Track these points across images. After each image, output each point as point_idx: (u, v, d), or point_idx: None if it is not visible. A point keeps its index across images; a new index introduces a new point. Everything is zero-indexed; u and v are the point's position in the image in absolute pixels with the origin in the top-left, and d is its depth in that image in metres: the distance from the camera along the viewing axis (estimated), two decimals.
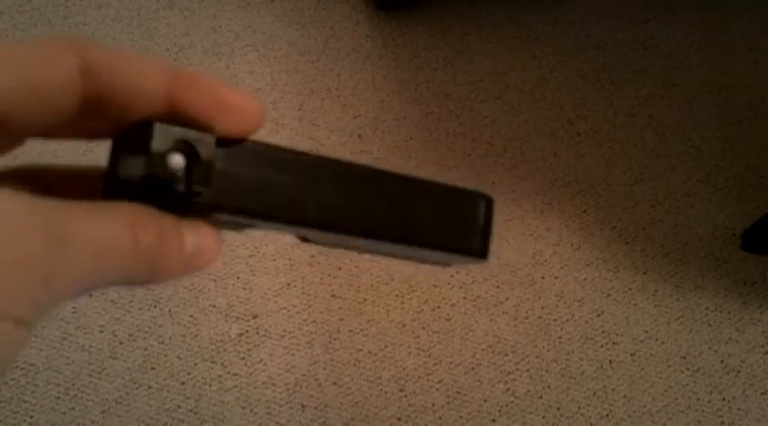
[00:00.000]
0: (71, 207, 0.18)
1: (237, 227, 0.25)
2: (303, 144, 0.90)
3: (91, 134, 0.23)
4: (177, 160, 0.20)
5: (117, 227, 0.19)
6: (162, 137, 0.20)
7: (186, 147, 0.21)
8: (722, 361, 0.79)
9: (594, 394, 0.77)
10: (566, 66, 0.97)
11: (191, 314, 0.78)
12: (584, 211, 0.87)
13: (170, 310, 0.78)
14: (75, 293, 0.18)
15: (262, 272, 0.80)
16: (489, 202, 0.29)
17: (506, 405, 0.76)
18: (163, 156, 0.20)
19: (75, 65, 0.19)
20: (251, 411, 0.74)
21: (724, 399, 0.77)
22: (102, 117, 0.21)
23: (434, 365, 0.77)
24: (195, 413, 0.74)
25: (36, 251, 0.17)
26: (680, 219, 0.87)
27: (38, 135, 0.21)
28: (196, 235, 0.22)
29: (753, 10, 1.03)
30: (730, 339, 0.80)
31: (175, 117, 0.21)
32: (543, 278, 0.83)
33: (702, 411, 0.77)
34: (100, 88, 0.20)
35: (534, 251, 0.84)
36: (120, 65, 0.20)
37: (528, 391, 0.77)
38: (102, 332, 0.76)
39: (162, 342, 0.76)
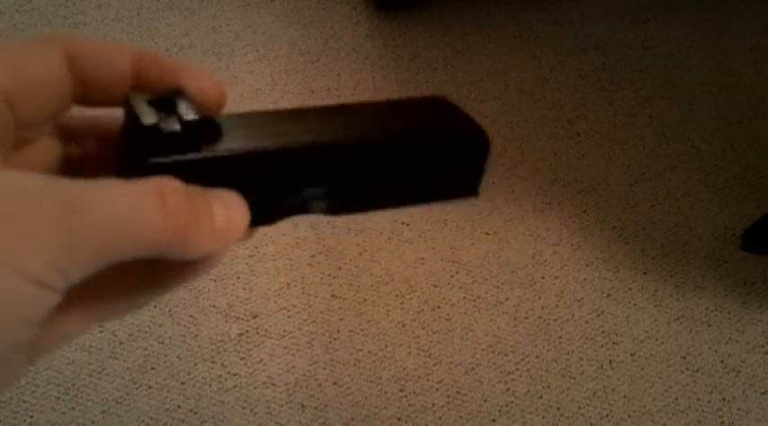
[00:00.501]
0: (91, 181, 0.19)
1: (267, 212, 0.25)
2: None
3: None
4: (174, 105, 0.22)
5: (142, 194, 0.19)
6: (140, 94, 0.22)
7: (167, 104, 0.22)
8: (722, 361, 0.79)
9: (594, 394, 0.77)
10: (566, 66, 0.97)
11: (191, 314, 0.78)
12: (584, 211, 0.87)
13: (170, 310, 0.78)
14: (101, 258, 0.19)
15: (262, 272, 0.80)
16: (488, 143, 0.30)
17: (506, 405, 0.76)
18: (153, 107, 0.22)
19: (62, 57, 0.22)
20: (251, 411, 0.74)
21: (724, 399, 0.77)
22: (95, 102, 0.23)
23: (434, 365, 0.77)
24: (195, 413, 0.74)
25: (52, 213, 0.17)
26: (680, 219, 0.87)
27: (43, 125, 0.23)
28: (225, 205, 0.22)
29: (753, 10, 1.03)
30: (730, 339, 0.80)
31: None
32: (543, 278, 0.83)
33: (702, 411, 0.77)
34: (82, 74, 0.22)
35: (534, 251, 0.84)
36: (92, 50, 0.22)
37: (528, 391, 0.77)
38: (101, 332, 0.77)
39: (162, 342, 0.76)
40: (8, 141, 0.22)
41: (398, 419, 0.75)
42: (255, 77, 0.95)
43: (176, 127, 0.22)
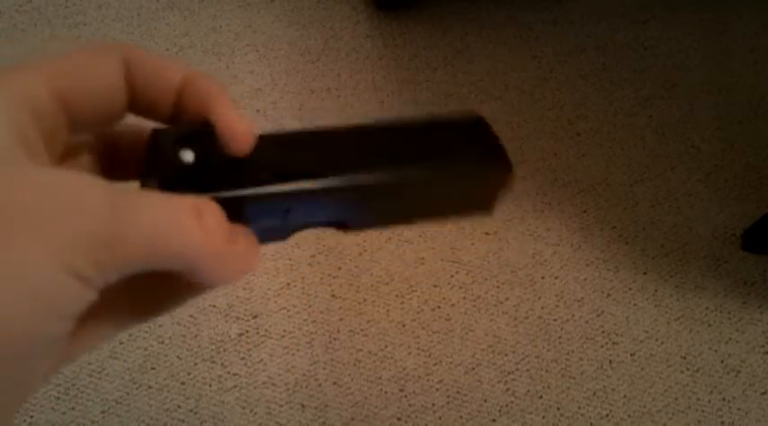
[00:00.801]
0: (137, 189, 0.20)
1: (281, 231, 0.26)
2: None
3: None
4: (186, 154, 0.22)
5: (181, 207, 0.20)
6: (166, 136, 0.23)
7: (192, 142, 0.23)
8: (722, 361, 0.79)
9: (594, 394, 0.77)
10: (566, 66, 0.97)
11: (191, 314, 0.78)
12: (585, 211, 0.87)
13: None
14: (139, 263, 0.19)
15: (262, 272, 0.80)
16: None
17: (506, 405, 0.76)
18: (173, 152, 0.23)
19: (120, 65, 0.23)
20: (251, 411, 0.74)
21: (724, 399, 0.77)
22: (142, 112, 0.24)
23: (434, 365, 0.77)
24: (195, 413, 0.74)
25: (101, 213, 0.18)
26: (680, 219, 0.87)
27: (95, 128, 0.24)
28: (243, 237, 0.23)
29: (753, 10, 1.03)
30: (730, 339, 0.80)
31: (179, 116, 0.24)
32: (543, 278, 0.83)
33: (702, 411, 0.77)
34: (133, 84, 0.23)
35: (534, 251, 0.84)
36: (149, 63, 0.23)
37: (528, 391, 0.77)
38: None
39: (162, 342, 0.76)
40: (58, 147, 0.22)
41: (398, 419, 0.75)
42: (255, 77, 0.95)
43: (190, 160, 0.22)
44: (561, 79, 0.96)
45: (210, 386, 0.75)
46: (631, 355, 0.79)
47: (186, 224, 0.20)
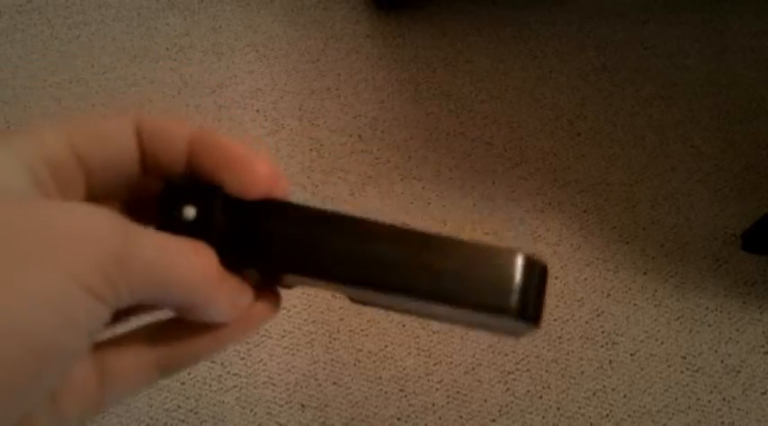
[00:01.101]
0: (142, 227, 0.21)
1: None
2: (303, 144, 0.90)
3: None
4: (189, 211, 0.23)
5: (181, 241, 0.22)
6: (173, 189, 0.24)
7: (198, 197, 0.24)
8: (722, 361, 0.79)
9: (594, 394, 0.77)
10: (566, 66, 0.97)
11: None
12: (585, 211, 0.87)
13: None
14: (147, 288, 0.20)
15: None
16: (530, 260, 0.25)
17: (506, 405, 0.76)
18: (175, 209, 0.24)
19: (133, 128, 0.24)
20: (251, 411, 0.74)
21: (724, 399, 0.77)
22: (157, 175, 0.25)
23: (434, 365, 0.77)
24: (195, 413, 0.74)
25: (111, 237, 0.20)
26: (680, 219, 0.87)
27: (110, 197, 0.25)
28: (237, 281, 0.24)
29: (753, 10, 1.03)
30: (730, 339, 0.80)
31: (193, 173, 0.25)
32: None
33: (702, 411, 0.77)
34: (144, 146, 0.24)
35: (534, 251, 0.84)
36: (156, 126, 0.24)
37: (528, 391, 0.77)
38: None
39: None
40: (77, 198, 0.23)
41: (398, 419, 0.75)
42: (255, 77, 0.95)
43: (191, 217, 0.23)
44: (561, 79, 0.96)
45: (210, 385, 0.75)
46: (631, 355, 0.79)
47: (186, 252, 0.22)
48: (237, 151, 0.24)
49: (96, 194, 0.24)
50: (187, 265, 0.22)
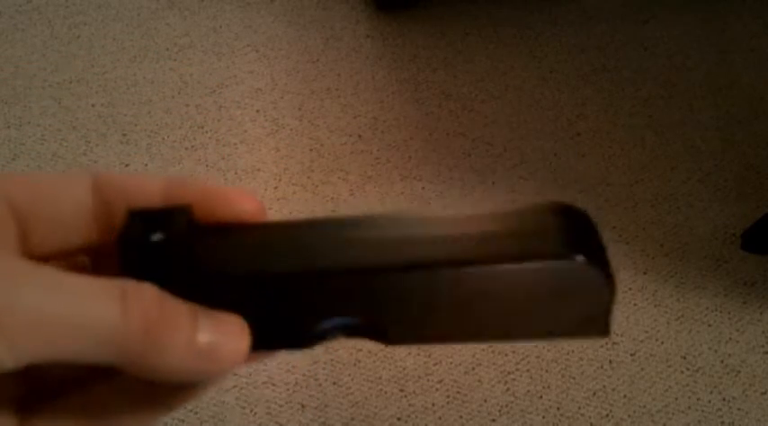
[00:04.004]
0: (45, 267, 0.18)
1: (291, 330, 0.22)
2: (303, 144, 0.90)
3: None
4: (156, 236, 0.20)
5: (101, 289, 0.18)
6: (136, 217, 0.21)
7: (165, 222, 0.21)
8: (722, 361, 0.79)
9: (594, 394, 0.77)
10: (566, 66, 0.97)
11: None
12: (584, 211, 0.87)
13: None
14: (40, 350, 0.18)
15: None
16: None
17: (506, 405, 0.76)
18: (139, 228, 0.20)
19: (89, 183, 0.21)
20: (251, 411, 0.74)
21: (724, 399, 0.77)
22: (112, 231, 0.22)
23: (434, 365, 0.77)
24: (195, 413, 0.74)
25: None
26: (680, 219, 0.87)
27: (59, 246, 0.22)
28: (214, 323, 0.20)
29: (753, 10, 1.03)
30: (730, 339, 0.80)
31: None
32: None
33: (702, 411, 0.77)
34: (108, 200, 0.22)
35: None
36: (121, 180, 0.22)
37: (528, 391, 0.77)
38: None
39: None
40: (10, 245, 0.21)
41: (398, 419, 0.75)
42: (255, 77, 0.95)
43: (160, 237, 0.20)
44: (561, 79, 0.96)
45: None
46: (631, 355, 0.79)
47: (102, 307, 0.18)
48: (221, 188, 0.22)
49: (44, 250, 0.21)
50: (105, 321, 0.18)
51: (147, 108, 0.93)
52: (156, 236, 0.20)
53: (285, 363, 0.76)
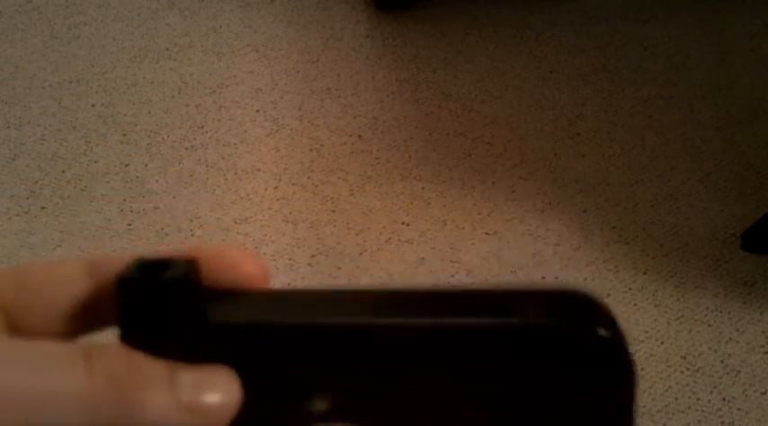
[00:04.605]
0: (13, 339, 0.18)
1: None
2: (303, 144, 0.90)
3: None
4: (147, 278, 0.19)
5: (63, 354, 0.18)
6: (139, 262, 0.20)
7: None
8: (722, 361, 0.79)
9: None
10: (566, 66, 0.97)
11: None
12: (585, 211, 0.87)
13: None
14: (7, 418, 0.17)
15: None
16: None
17: None
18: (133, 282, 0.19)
19: (82, 261, 0.21)
20: None
21: (724, 399, 0.77)
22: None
23: None
24: None
25: None
26: (680, 219, 0.87)
27: (50, 333, 0.21)
28: (197, 375, 0.19)
29: (753, 10, 1.03)
30: (730, 339, 0.80)
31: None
32: (543, 278, 0.83)
33: (702, 411, 0.77)
34: (105, 281, 0.21)
35: (534, 251, 0.84)
36: (121, 259, 0.21)
37: None
38: (103, 332, 0.77)
39: None
40: None
41: None
42: (255, 77, 0.95)
43: (160, 280, 0.19)
44: (561, 79, 0.96)
45: None
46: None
47: (64, 371, 0.17)
48: (227, 251, 0.21)
49: (28, 328, 0.21)
50: (68, 383, 0.17)
51: (147, 108, 0.93)
52: (156, 279, 0.19)
53: None
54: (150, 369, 0.19)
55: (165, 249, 0.21)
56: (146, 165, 0.88)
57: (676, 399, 0.77)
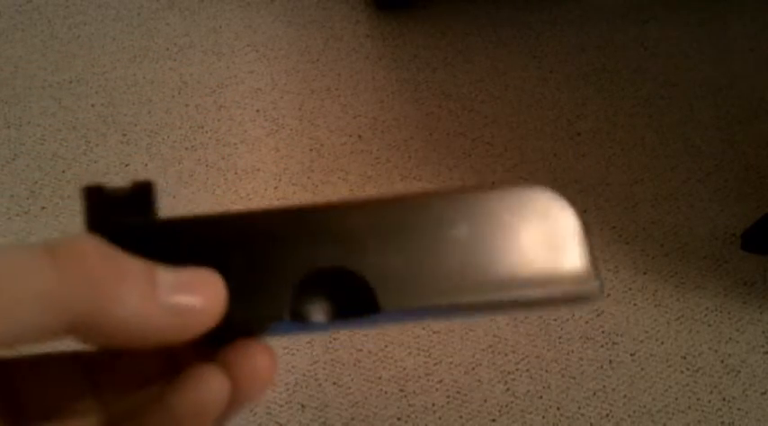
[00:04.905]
0: None
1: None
2: (303, 144, 0.90)
3: None
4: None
5: (27, 251, 0.17)
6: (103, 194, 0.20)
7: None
8: (722, 361, 0.79)
9: (594, 394, 0.77)
10: (566, 66, 0.97)
11: None
12: (585, 211, 0.87)
13: None
14: None
15: None
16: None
17: (506, 405, 0.76)
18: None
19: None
20: (251, 411, 0.74)
21: (724, 399, 0.77)
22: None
23: (434, 365, 0.77)
24: None
25: None
26: (680, 219, 0.87)
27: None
28: (179, 274, 0.19)
29: (753, 10, 1.03)
30: (730, 339, 0.80)
31: None
32: None
33: (702, 411, 0.77)
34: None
35: None
36: None
37: (528, 391, 0.77)
38: None
39: None
40: None
41: (398, 419, 0.75)
42: (255, 77, 0.95)
43: (124, 187, 0.20)
44: (561, 79, 0.96)
45: None
46: (631, 355, 0.79)
47: (31, 264, 0.17)
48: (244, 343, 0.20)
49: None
50: (37, 276, 0.17)
51: (147, 108, 0.93)
52: (117, 188, 0.20)
53: (285, 363, 0.76)
54: (127, 263, 0.18)
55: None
56: (146, 165, 0.88)
57: (676, 399, 0.77)
